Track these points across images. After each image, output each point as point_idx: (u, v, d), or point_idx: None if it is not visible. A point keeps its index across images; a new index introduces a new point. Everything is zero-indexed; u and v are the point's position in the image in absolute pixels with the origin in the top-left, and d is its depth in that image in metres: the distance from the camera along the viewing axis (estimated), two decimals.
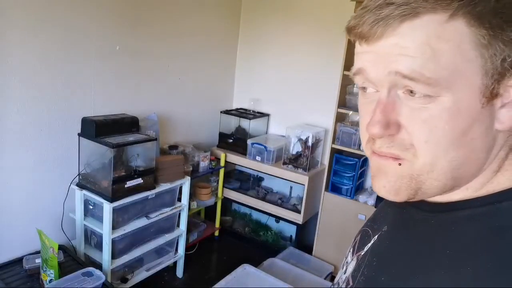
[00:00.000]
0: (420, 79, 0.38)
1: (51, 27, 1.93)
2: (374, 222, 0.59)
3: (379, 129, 0.40)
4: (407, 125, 0.40)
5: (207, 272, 2.79)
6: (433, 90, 0.38)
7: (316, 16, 2.88)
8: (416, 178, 0.42)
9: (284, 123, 3.08)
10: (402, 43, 0.38)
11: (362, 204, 2.61)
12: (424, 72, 0.37)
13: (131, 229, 2.13)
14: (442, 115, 0.39)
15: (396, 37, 0.38)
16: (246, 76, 3.34)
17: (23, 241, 2.02)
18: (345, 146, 2.59)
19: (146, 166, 2.18)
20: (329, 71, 2.81)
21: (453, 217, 0.44)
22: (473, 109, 0.39)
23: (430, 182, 0.42)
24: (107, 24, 2.19)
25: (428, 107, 0.39)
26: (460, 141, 0.39)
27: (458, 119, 0.39)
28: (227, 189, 3.10)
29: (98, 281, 1.76)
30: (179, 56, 2.74)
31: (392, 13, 0.38)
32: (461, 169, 0.41)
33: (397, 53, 0.39)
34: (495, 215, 0.41)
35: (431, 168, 0.41)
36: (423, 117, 0.39)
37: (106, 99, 2.29)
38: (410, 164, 0.41)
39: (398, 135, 0.41)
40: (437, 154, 0.40)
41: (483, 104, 0.39)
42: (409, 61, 0.38)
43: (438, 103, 0.39)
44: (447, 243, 0.42)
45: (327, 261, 2.75)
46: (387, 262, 0.48)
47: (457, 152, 0.40)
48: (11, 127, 1.88)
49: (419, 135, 0.40)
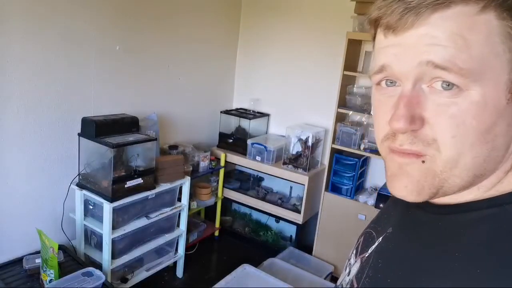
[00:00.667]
0: (453, 69, 0.37)
1: (51, 27, 1.93)
2: (377, 224, 0.58)
3: (404, 123, 0.39)
4: (432, 120, 0.39)
5: (207, 272, 2.79)
6: (464, 81, 0.37)
7: (316, 16, 2.88)
8: (439, 176, 0.41)
9: (284, 123, 3.08)
10: (433, 33, 0.37)
11: (362, 204, 2.61)
12: (456, 61, 0.37)
13: (131, 229, 2.13)
14: (470, 110, 0.38)
15: (427, 27, 0.38)
16: (246, 76, 3.34)
17: (23, 241, 2.02)
18: (345, 146, 2.59)
19: (146, 166, 2.18)
20: (329, 71, 2.81)
21: (461, 219, 0.43)
22: (499, 104, 0.38)
23: (453, 180, 0.41)
24: (107, 24, 2.19)
25: (456, 101, 0.38)
26: (485, 137, 0.38)
27: (485, 114, 0.38)
28: (227, 189, 3.10)
29: (98, 281, 1.76)
30: (179, 56, 2.74)
31: (423, 2, 0.37)
32: (483, 166, 0.40)
33: (428, 43, 0.38)
34: (503, 217, 0.40)
35: (455, 164, 0.40)
36: (451, 111, 0.38)
37: (106, 99, 2.29)
38: (433, 160, 0.40)
39: (421, 130, 0.40)
40: (462, 149, 0.39)
41: (508, 99, 0.38)
42: (441, 51, 0.37)
43: (466, 97, 0.38)
44: (454, 246, 0.41)
45: (327, 261, 2.75)
46: (393, 264, 0.47)
47: (481, 148, 0.39)
48: (11, 127, 1.88)
49: (445, 130, 0.39)
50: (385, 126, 0.43)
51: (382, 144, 0.44)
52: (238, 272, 2.34)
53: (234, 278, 2.29)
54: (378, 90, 0.45)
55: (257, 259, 2.65)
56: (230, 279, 2.27)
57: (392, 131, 0.42)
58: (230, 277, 2.29)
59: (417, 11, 0.37)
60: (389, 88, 0.43)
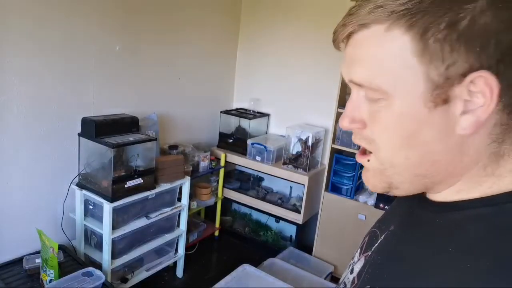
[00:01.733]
0: (370, 87, 0.43)
1: (51, 27, 1.93)
2: (382, 223, 0.60)
3: (346, 122, 0.47)
4: (369, 123, 0.45)
5: (207, 272, 2.79)
6: (380, 95, 0.42)
7: (316, 15, 2.88)
8: (384, 172, 0.46)
9: (284, 123, 3.08)
10: (355, 53, 0.44)
11: (362, 204, 2.61)
12: (371, 80, 0.42)
13: (131, 229, 2.13)
14: (391, 118, 0.43)
15: (352, 46, 0.44)
16: (246, 76, 3.34)
17: (23, 241, 2.01)
18: (345, 146, 2.59)
19: (146, 166, 2.18)
20: (329, 71, 2.81)
21: (458, 216, 0.44)
22: (418, 113, 0.41)
23: (396, 178, 0.46)
24: (107, 24, 2.19)
25: (380, 110, 0.43)
26: (410, 141, 0.43)
27: (404, 121, 0.42)
28: (227, 189, 3.10)
29: (98, 281, 1.76)
30: (179, 56, 2.74)
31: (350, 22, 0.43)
32: (423, 167, 0.44)
33: (352, 62, 0.45)
34: (500, 215, 0.41)
35: (391, 163, 0.45)
36: (378, 118, 0.44)
37: (106, 99, 2.29)
38: (376, 159, 0.47)
39: (364, 130, 0.46)
40: (393, 151, 0.44)
41: (429, 108, 0.40)
42: (358, 71, 0.44)
43: (387, 106, 0.43)
44: (450, 243, 0.42)
45: (327, 261, 2.75)
46: (390, 260, 0.49)
47: (411, 151, 0.43)
48: (11, 127, 1.88)
49: (379, 133, 0.45)
50: None
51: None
52: (238, 272, 2.34)
53: (234, 278, 2.29)
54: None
55: (257, 259, 2.65)
56: (230, 279, 2.27)
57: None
58: (230, 277, 2.29)
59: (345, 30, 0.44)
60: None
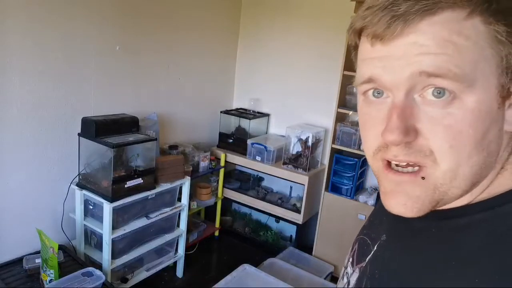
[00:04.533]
0: (448, 75, 0.36)
1: (51, 27, 1.93)
2: (370, 230, 0.57)
3: (398, 135, 0.38)
4: (427, 131, 0.38)
5: (207, 272, 2.79)
6: (459, 87, 0.36)
7: (316, 15, 2.88)
8: (439, 188, 0.40)
9: (284, 123, 3.08)
10: (422, 41, 0.37)
11: (362, 204, 2.60)
12: (450, 67, 0.36)
13: (131, 229, 2.13)
14: (466, 118, 0.37)
15: (415, 35, 0.37)
16: (246, 76, 3.34)
17: (23, 241, 2.01)
18: (345, 146, 2.59)
19: (146, 166, 2.18)
20: (329, 71, 2.81)
21: (454, 225, 0.43)
22: (492, 110, 0.38)
23: (452, 191, 0.40)
24: (107, 24, 2.19)
25: (451, 111, 0.37)
26: (481, 144, 0.38)
27: (480, 121, 0.37)
28: (227, 189, 3.09)
29: (98, 281, 1.76)
30: (179, 56, 2.74)
31: (411, 9, 0.36)
32: (479, 174, 0.40)
33: (417, 52, 0.37)
34: (495, 220, 0.40)
35: (454, 175, 0.39)
36: (447, 122, 0.37)
37: (106, 99, 2.29)
38: (432, 173, 0.39)
39: (415, 142, 0.39)
40: (460, 160, 0.38)
41: (499, 104, 0.38)
42: (432, 59, 0.36)
43: (460, 105, 0.37)
44: (449, 253, 0.41)
45: (327, 261, 2.75)
46: (389, 274, 0.47)
47: (478, 156, 0.38)
48: (11, 127, 1.88)
49: (443, 141, 0.38)
50: (376, 139, 0.42)
51: (375, 157, 0.43)
52: (238, 272, 2.34)
53: (234, 278, 2.29)
54: (365, 103, 0.44)
55: (257, 259, 2.66)
56: (230, 279, 2.27)
57: (384, 143, 0.40)
58: (230, 277, 2.29)
59: (405, 18, 0.36)
60: (377, 100, 0.42)
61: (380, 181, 0.44)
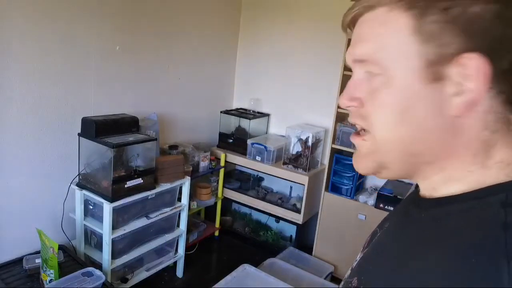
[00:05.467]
0: (370, 60, 0.46)
1: (51, 27, 1.93)
2: (383, 222, 0.62)
3: (345, 100, 0.50)
4: (365, 101, 0.48)
5: (207, 272, 2.79)
6: (380, 69, 0.45)
7: (316, 16, 2.88)
8: (375, 152, 0.49)
9: (284, 123, 3.08)
10: (360, 31, 0.48)
11: (362, 204, 2.60)
12: (372, 53, 0.46)
13: (131, 229, 2.13)
14: (388, 93, 0.45)
15: (360, 26, 0.48)
16: (246, 76, 3.34)
17: (23, 241, 2.01)
18: (345, 146, 2.59)
19: (146, 166, 2.18)
20: (329, 71, 2.81)
21: (441, 211, 0.46)
22: (413, 88, 0.44)
23: (388, 157, 0.48)
24: (107, 24, 2.19)
25: (380, 86, 0.46)
26: (404, 117, 0.45)
27: (400, 96, 0.45)
28: (227, 189, 3.10)
29: (98, 281, 1.76)
30: (179, 56, 2.74)
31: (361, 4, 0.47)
32: (416, 145, 0.46)
33: (357, 40, 0.48)
34: (482, 207, 0.42)
35: (385, 141, 0.47)
36: (376, 95, 0.46)
37: (106, 99, 2.29)
38: (371, 137, 0.48)
39: (361, 109, 0.49)
40: (387, 127, 0.46)
41: (424, 84, 0.43)
42: (361, 47, 0.47)
43: (386, 82, 0.45)
44: (431, 237, 0.44)
45: (327, 261, 2.75)
46: (377, 254, 0.53)
47: (405, 127, 0.45)
48: (11, 127, 1.88)
49: (374, 110, 0.47)
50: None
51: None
52: (238, 272, 2.34)
53: (234, 278, 2.29)
54: None
55: (257, 259, 2.66)
56: (230, 279, 2.27)
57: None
58: (230, 277, 2.29)
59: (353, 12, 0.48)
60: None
61: None
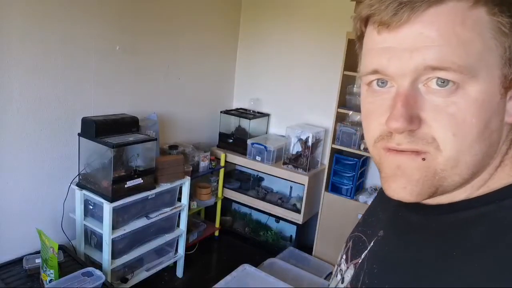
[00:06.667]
0: (452, 67, 0.36)
1: (51, 27, 1.93)
2: (366, 227, 0.57)
3: (403, 123, 0.38)
4: (431, 119, 0.38)
5: (207, 272, 2.79)
6: (462, 78, 0.37)
7: (316, 16, 2.88)
8: (439, 174, 0.40)
9: (284, 123, 3.08)
10: (427, 33, 0.37)
11: (362, 204, 2.60)
12: (454, 59, 0.36)
13: (131, 229, 2.13)
14: (470, 108, 0.37)
15: (421, 25, 0.37)
16: (246, 76, 3.34)
17: (23, 241, 2.01)
18: (345, 146, 2.59)
19: (146, 166, 2.18)
20: (329, 71, 2.81)
21: (455, 219, 0.42)
22: (494, 100, 0.38)
23: (452, 178, 0.40)
24: (107, 24, 2.19)
25: (454, 100, 0.37)
26: (483, 134, 0.38)
27: (483, 111, 0.38)
28: (227, 189, 3.09)
29: (98, 281, 1.76)
30: (179, 56, 2.74)
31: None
32: (481, 164, 0.40)
33: (423, 45, 0.37)
34: (498, 214, 0.40)
35: (455, 163, 0.39)
36: (450, 111, 0.38)
37: (106, 99, 2.29)
38: (434, 158, 0.39)
39: (419, 130, 0.39)
40: (462, 148, 0.38)
41: (501, 95, 0.39)
42: (437, 51, 0.37)
43: (464, 95, 0.37)
44: (451, 247, 0.40)
45: (327, 261, 2.75)
46: (389, 269, 0.47)
47: (480, 145, 0.39)
48: (11, 127, 1.88)
49: (446, 129, 0.38)
50: (378, 127, 0.42)
51: (375, 146, 0.43)
52: (238, 272, 2.34)
53: (234, 278, 2.29)
54: (370, 92, 0.44)
55: (257, 259, 2.66)
56: (230, 279, 2.27)
57: (388, 132, 0.41)
58: (230, 277, 2.29)
59: (412, 6, 0.37)
60: (382, 89, 0.42)
61: (381, 167, 0.44)
